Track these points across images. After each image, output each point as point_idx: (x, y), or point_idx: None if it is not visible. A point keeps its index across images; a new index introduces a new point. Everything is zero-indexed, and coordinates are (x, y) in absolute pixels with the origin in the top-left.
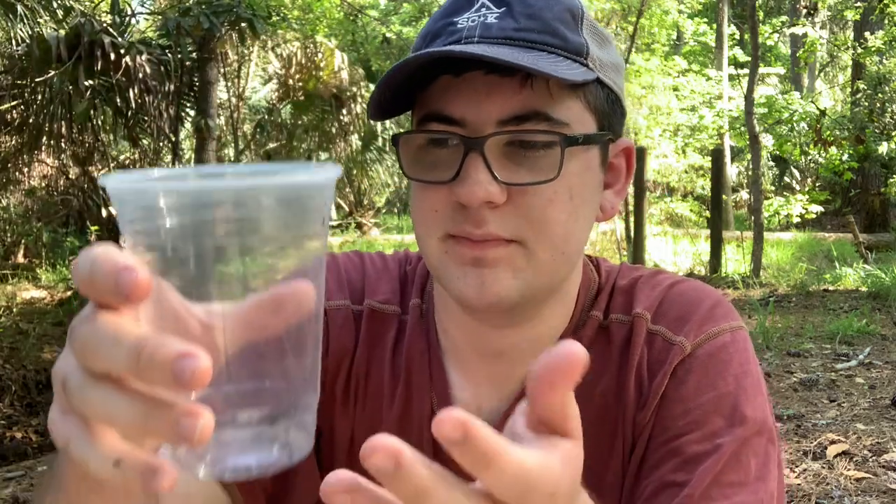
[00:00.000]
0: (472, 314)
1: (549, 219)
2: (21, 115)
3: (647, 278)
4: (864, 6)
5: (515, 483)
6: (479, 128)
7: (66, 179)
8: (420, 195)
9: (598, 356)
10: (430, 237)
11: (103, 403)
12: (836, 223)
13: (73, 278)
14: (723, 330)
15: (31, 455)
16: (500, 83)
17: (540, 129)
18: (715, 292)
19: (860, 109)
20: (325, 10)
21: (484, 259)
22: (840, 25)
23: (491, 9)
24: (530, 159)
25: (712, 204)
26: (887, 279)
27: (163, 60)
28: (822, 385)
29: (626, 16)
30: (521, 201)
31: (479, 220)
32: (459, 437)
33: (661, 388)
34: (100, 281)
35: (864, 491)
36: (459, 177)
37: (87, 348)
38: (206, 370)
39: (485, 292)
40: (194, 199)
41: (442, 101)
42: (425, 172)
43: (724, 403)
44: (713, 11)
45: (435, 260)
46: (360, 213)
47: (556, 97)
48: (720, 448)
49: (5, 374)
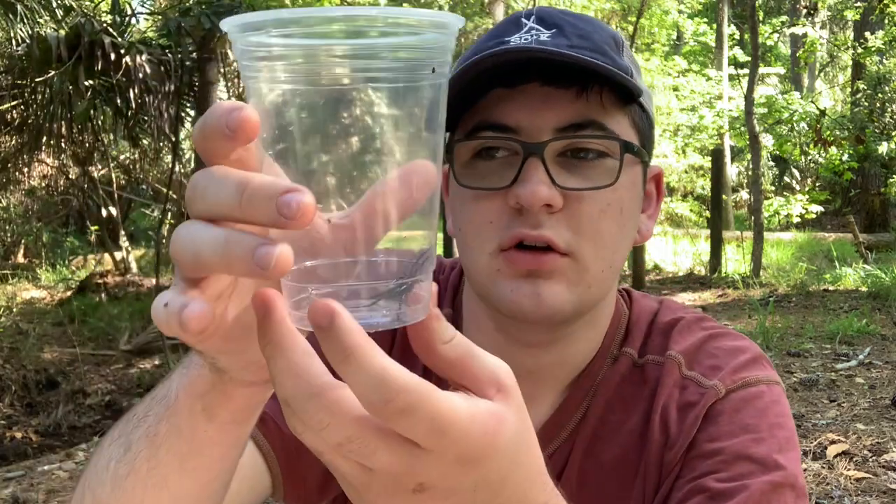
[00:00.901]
0: (519, 328)
1: (602, 229)
2: (21, 115)
3: (688, 322)
4: (864, 6)
5: (376, 389)
6: (537, 134)
7: (66, 179)
8: (472, 207)
9: (631, 395)
10: (481, 251)
11: (191, 237)
12: (836, 223)
13: (193, 137)
14: (759, 380)
15: (31, 455)
16: (556, 94)
17: (599, 135)
18: (755, 347)
19: (860, 109)
20: None
21: (540, 271)
22: (840, 25)
23: (541, 30)
24: (584, 168)
25: (712, 204)
26: (887, 279)
27: (163, 60)
28: (822, 385)
29: (626, 16)
30: (575, 208)
31: (535, 223)
32: (326, 324)
33: (693, 429)
34: (210, 124)
35: (864, 491)
36: (519, 180)
37: (196, 190)
38: (311, 205)
39: (541, 303)
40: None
41: (496, 111)
42: (479, 181)
43: (755, 449)
44: (713, 11)
45: (484, 276)
46: None
47: (609, 110)
48: (748, 487)
49: (5, 374)
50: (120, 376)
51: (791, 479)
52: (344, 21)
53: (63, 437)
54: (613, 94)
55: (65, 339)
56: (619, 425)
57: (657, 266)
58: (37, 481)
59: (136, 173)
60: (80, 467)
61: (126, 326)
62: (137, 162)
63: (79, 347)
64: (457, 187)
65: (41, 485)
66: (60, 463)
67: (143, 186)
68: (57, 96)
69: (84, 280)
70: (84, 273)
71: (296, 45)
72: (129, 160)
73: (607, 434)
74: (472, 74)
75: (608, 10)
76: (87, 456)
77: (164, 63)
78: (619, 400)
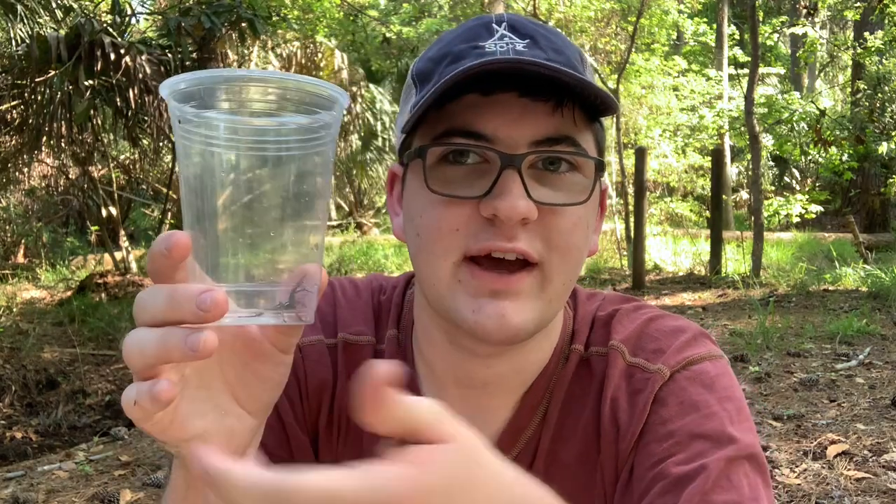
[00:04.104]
0: (477, 345)
1: (571, 244)
2: (21, 115)
3: (626, 311)
4: (864, 6)
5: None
6: (513, 146)
7: (66, 179)
8: (437, 212)
9: (581, 391)
10: (443, 259)
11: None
12: (836, 223)
13: (147, 264)
14: (702, 357)
15: (31, 455)
16: (534, 106)
17: (576, 152)
18: (695, 326)
19: (860, 109)
20: (325, 10)
21: (507, 291)
22: (840, 25)
23: (514, 39)
24: (556, 180)
25: (712, 204)
26: (887, 279)
27: (163, 60)
28: (822, 385)
29: (626, 16)
30: (549, 221)
31: (511, 236)
32: (199, 470)
33: (643, 415)
34: (154, 250)
35: (864, 491)
36: (494, 192)
37: (139, 305)
38: (222, 299)
39: (505, 324)
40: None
41: (470, 118)
42: (447, 188)
43: (708, 425)
44: (713, 11)
45: (443, 286)
46: (360, 213)
47: (579, 126)
48: (706, 468)
49: (5, 374)
50: (120, 376)
51: (747, 450)
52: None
53: (63, 437)
54: (583, 111)
55: (65, 339)
56: (576, 423)
57: (657, 266)
58: (37, 481)
59: (136, 173)
60: (80, 467)
61: (126, 326)
62: (137, 162)
63: (79, 347)
64: (417, 190)
65: (41, 485)
66: (60, 463)
67: (143, 186)
68: (57, 96)
69: (84, 280)
70: (84, 273)
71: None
72: (129, 160)
73: (566, 434)
74: (456, 79)
75: (608, 10)
76: (87, 456)
77: (164, 63)
78: (572, 398)
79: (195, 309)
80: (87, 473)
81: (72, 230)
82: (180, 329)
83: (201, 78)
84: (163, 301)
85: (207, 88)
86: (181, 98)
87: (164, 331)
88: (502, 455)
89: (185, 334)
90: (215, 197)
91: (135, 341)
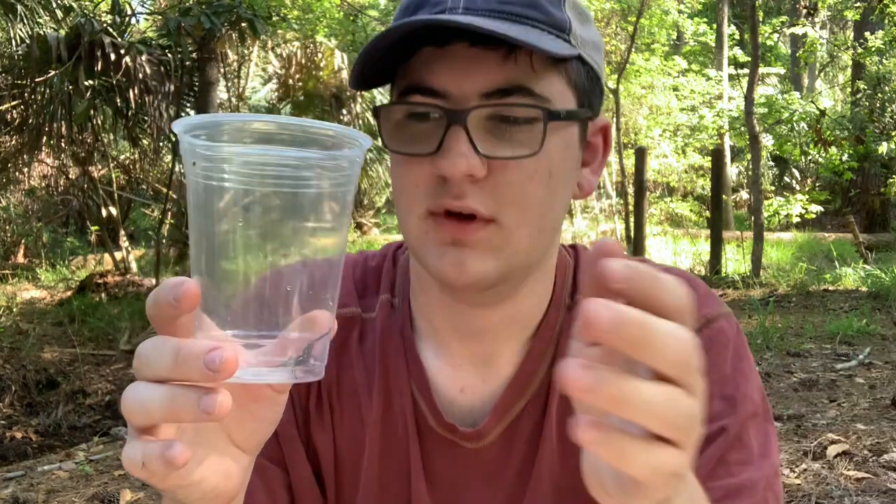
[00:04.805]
0: (451, 293)
1: (528, 196)
2: (21, 115)
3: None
4: (864, 6)
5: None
6: (462, 100)
7: (66, 179)
8: (401, 170)
9: None
10: (410, 214)
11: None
12: (836, 223)
13: (146, 306)
14: (719, 315)
15: (31, 455)
16: (484, 56)
17: (523, 104)
18: (701, 281)
19: (860, 109)
20: (325, 10)
21: (464, 240)
22: (840, 25)
23: None
24: (512, 134)
25: (712, 204)
26: (887, 279)
27: (163, 60)
28: (822, 385)
29: (626, 16)
30: (500, 176)
31: (458, 193)
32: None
33: None
34: (161, 296)
35: (864, 491)
36: (441, 149)
37: (141, 359)
38: (232, 359)
39: (464, 272)
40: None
41: (424, 73)
42: (406, 145)
43: (724, 387)
44: (713, 11)
45: (414, 239)
46: (360, 213)
47: (539, 72)
48: (725, 430)
49: (5, 374)
50: (120, 376)
51: (757, 406)
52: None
53: (63, 437)
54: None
55: (65, 339)
56: None
57: None
58: (37, 481)
59: (136, 173)
60: (80, 467)
61: (126, 326)
62: (137, 162)
63: (79, 347)
64: None
65: (41, 485)
66: (60, 463)
67: (143, 186)
68: (57, 96)
69: (84, 280)
70: (84, 273)
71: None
72: (129, 160)
73: None
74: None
75: (608, 10)
76: (87, 456)
77: (164, 63)
78: None
79: (203, 368)
80: (87, 473)
81: (72, 230)
82: (191, 389)
83: (217, 121)
84: (168, 358)
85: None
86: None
87: (170, 389)
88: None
89: (198, 396)
90: (229, 243)
91: (137, 397)
